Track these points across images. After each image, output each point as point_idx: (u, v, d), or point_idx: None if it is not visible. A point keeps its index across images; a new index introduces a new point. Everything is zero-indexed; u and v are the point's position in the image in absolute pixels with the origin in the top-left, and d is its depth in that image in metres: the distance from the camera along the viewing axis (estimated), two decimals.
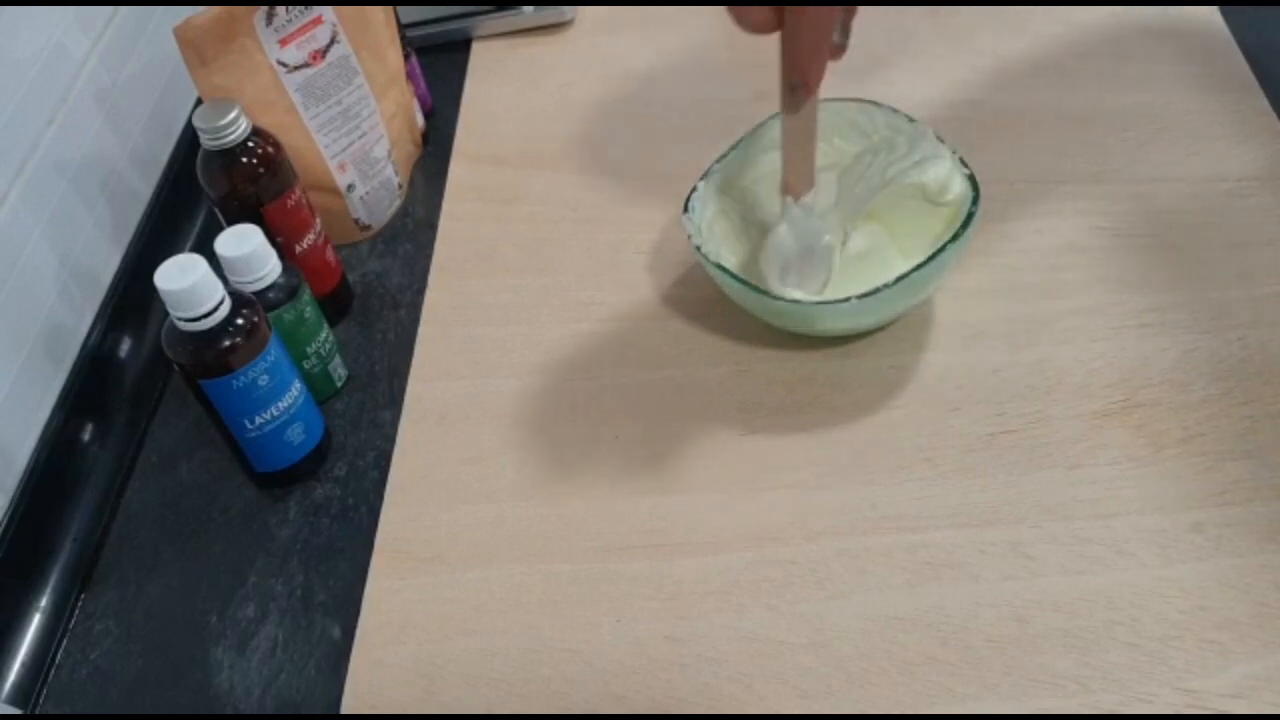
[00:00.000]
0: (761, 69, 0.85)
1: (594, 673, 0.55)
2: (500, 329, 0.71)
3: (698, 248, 0.63)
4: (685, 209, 0.65)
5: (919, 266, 0.59)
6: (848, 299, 0.59)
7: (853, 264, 0.64)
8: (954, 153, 0.64)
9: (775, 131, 0.67)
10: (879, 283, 0.59)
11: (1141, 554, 0.55)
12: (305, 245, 0.68)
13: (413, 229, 0.79)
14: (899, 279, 0.59)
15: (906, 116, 0.66)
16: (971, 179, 0.62)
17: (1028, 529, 0.57)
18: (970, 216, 0.60)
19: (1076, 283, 0.67)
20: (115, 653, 0.59)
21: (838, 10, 0.53)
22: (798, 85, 0.55)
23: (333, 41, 0.72)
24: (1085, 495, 0.58)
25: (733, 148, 0.68)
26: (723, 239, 0.67)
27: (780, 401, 0.64)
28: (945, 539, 0.57)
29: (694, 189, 0.66)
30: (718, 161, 0.68)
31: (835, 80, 0.68)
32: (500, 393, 0.67)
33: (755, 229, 0.67)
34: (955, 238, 0.59)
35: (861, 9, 0.60)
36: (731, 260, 0.66)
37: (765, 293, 0.61)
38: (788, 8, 0.50)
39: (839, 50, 0.56)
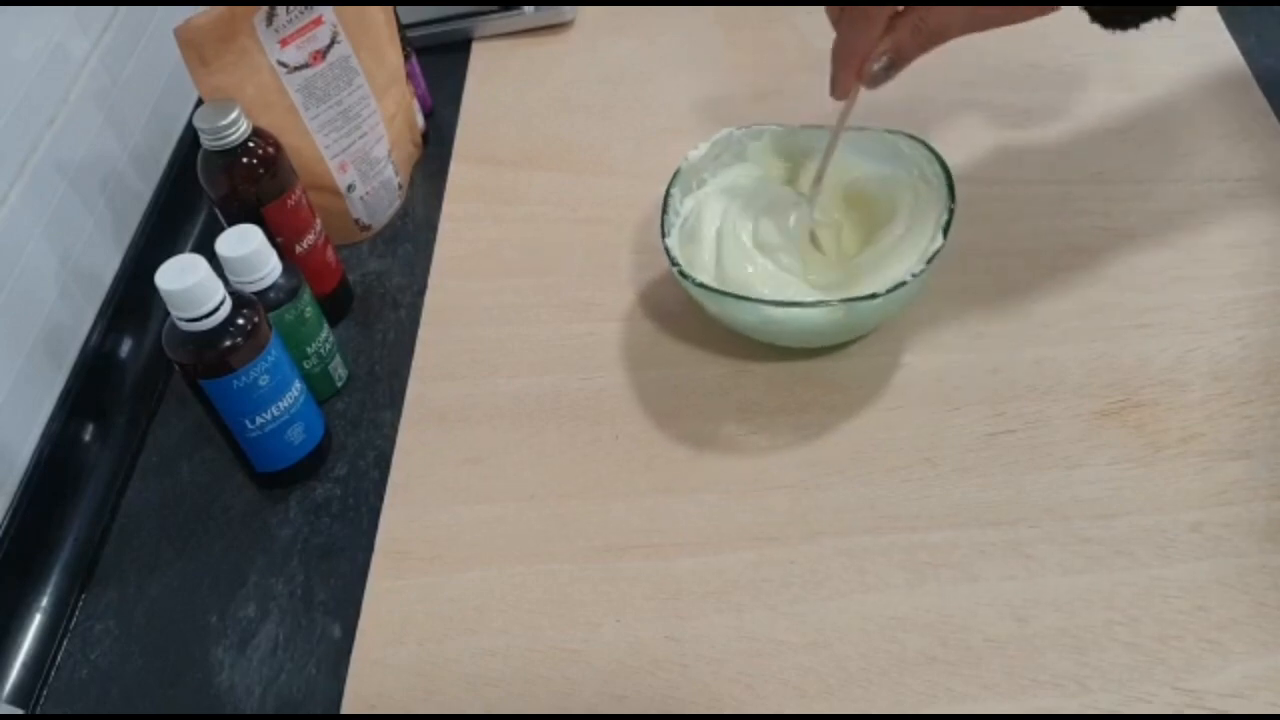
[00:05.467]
0: (761, 69, 0.85)
1: (594, 673, 0.55)
2: (500, 329, 0.71)
3: (668, 250, 0.64)
4: (665, 203, 0.66)
5: (848, 300, 0.59)
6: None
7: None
8: (949, 209, 0.61)
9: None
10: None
11: (1141, 554, 0.55)
12: (305, 245, 0.68)
13: (413, 229, 0.79)
14: (818, 301, 0.59)
15: (940, 164, 0.64)
16: (945, 227, 0.60)
17: (1027, 529, 0.57)
18: (903, 283, 0.59)
19: (1076, 283, 0.67)
20: (115, 653, 0.59)
21: (873, 39, 0.55)
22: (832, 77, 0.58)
23: (333, 42, 0.72)
24: (1085, 495, 0.58)
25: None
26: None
27: (780, 401, 0.64)
28: (945, 539, 0.57)
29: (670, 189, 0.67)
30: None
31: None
32: (500, 393, 0.67)
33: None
34: (898, 286, 0.58)
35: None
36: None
37: (721, 292, 0.61)
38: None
39: (873, 79, 0.56)
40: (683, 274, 0.62)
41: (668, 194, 0.66)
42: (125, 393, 0.70)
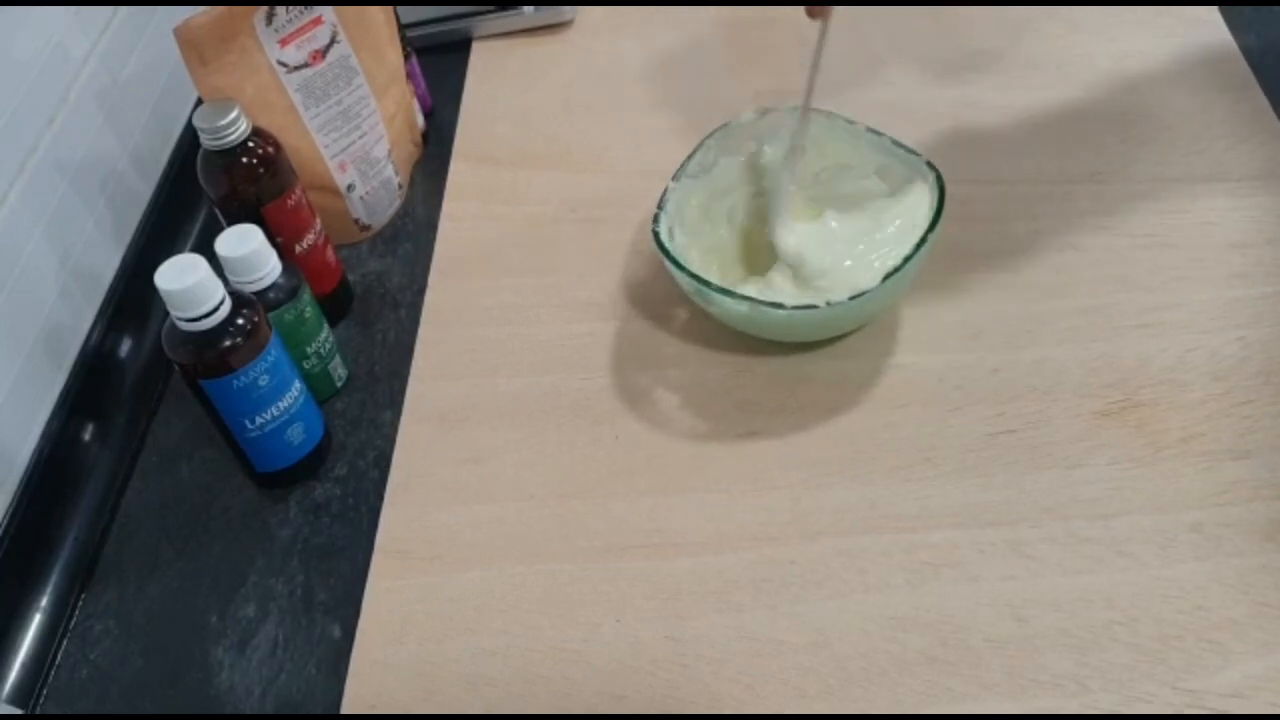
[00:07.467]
0: (761, 69, 0.85)
1: (594, 673, 0.55)
2: (500, 329, 0.71)
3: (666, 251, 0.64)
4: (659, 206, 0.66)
5: (816, 305, 0.60)
6: (785, 306, 0.61)
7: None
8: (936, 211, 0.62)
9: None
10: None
11: (1141, 554, 0.55)
12: (305, 245, 0.68)
13: (413, 229, 0.79)
14: (792, 306, 0.60)
15: (925, 160, 0.65)
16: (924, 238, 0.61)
17: (1028, 529, 0.57)
18: (897, 269, 0.60)
19: (1076, 283, 0.67)
20: (115, 653, 0.59)
21: None
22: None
23: (333, 41, 0.72)
24: (1085, 495, 0.58)
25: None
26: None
27: (780, 401, 0.64)
28: (945, 539, 0.57)
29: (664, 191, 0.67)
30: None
31: (840, 83, 0.69)
32: (500, 393, 0.67)
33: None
34: (895, 271, 0.60)
35: (861, 9, 0.60)
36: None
37: (708, 285, 0.61)
38: None
39: None
40: (675, 263, 0.62)
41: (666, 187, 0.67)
42: (125, 393, 0.70)
